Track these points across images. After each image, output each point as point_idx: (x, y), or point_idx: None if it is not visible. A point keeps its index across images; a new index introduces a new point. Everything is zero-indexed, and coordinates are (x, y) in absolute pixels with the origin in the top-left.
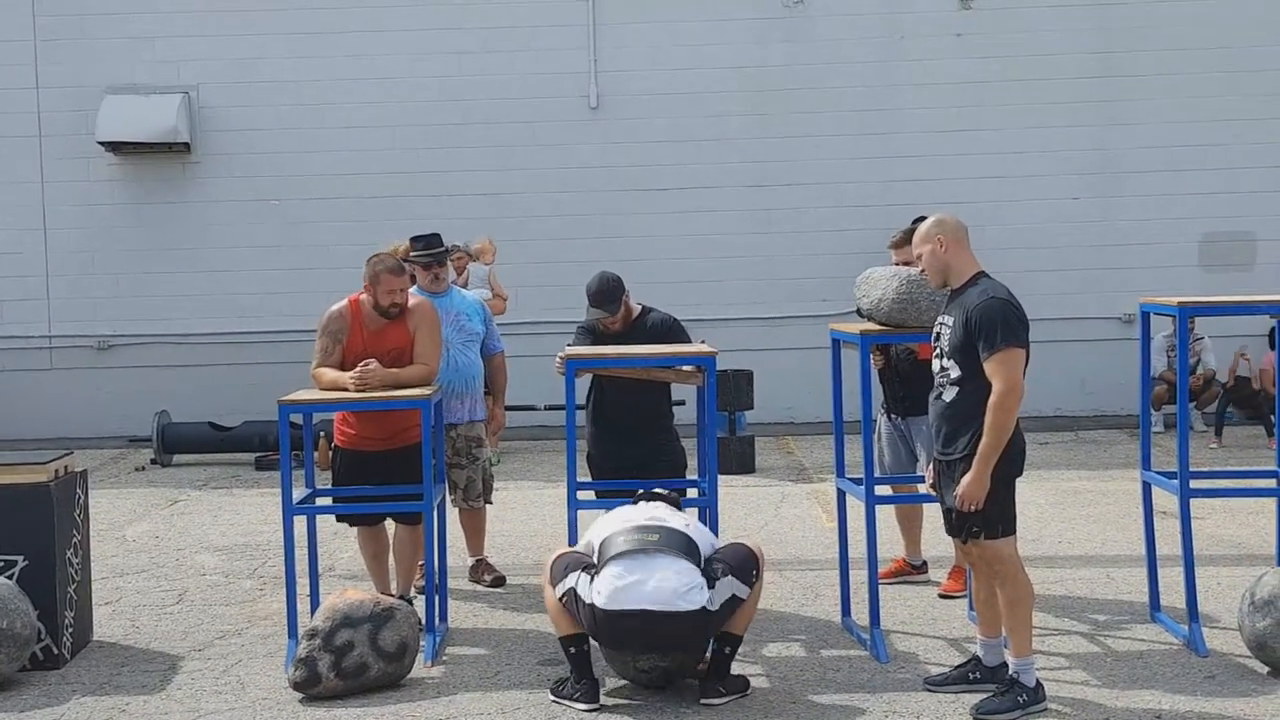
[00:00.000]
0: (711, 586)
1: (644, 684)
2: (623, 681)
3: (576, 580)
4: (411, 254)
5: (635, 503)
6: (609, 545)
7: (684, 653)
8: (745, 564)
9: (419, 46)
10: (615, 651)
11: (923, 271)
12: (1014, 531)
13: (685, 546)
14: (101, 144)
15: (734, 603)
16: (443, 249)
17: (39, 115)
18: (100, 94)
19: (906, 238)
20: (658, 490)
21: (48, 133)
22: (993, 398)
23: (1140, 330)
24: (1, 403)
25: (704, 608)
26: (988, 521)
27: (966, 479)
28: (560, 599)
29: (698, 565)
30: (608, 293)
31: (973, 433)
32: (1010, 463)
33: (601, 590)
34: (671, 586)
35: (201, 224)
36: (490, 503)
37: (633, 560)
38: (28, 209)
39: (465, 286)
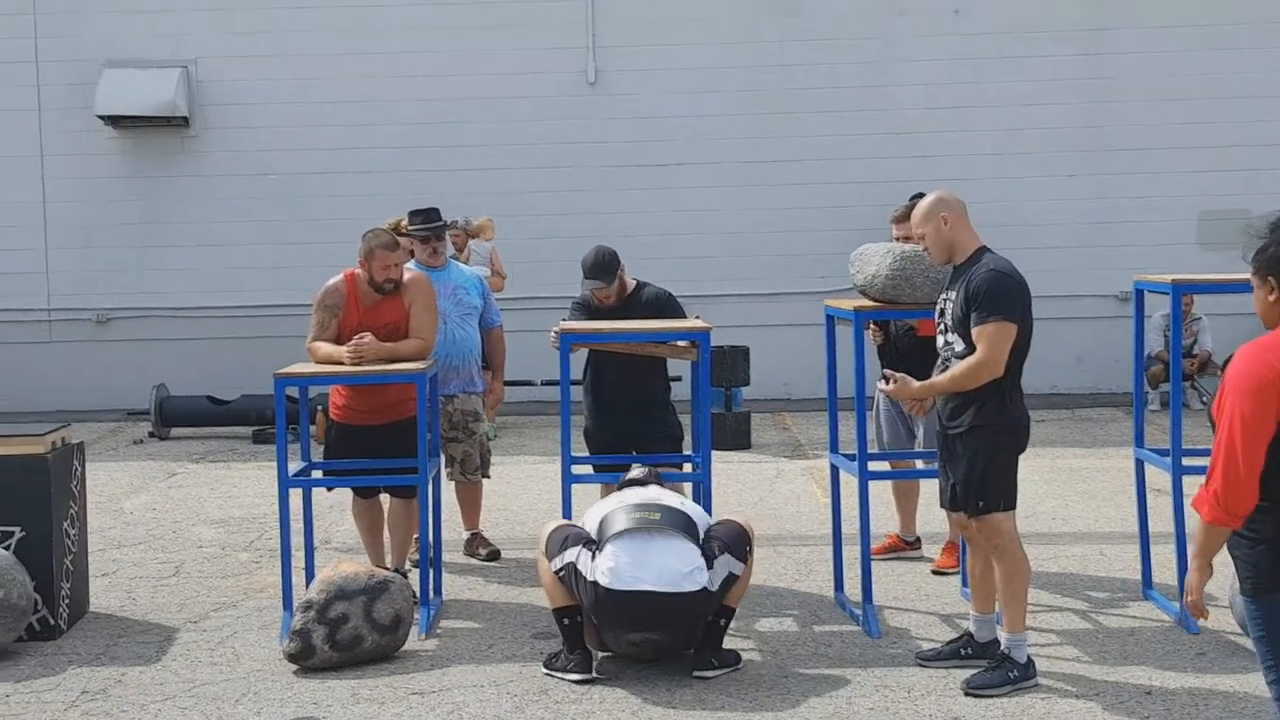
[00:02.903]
0: (710, 566)
1: (635, 658)
2: (614, 655)
3: (577, 556)
4: (410, 228)
5: (621, 488)
6: (609, 523)
7: (681, 633)
8: (739, 541)
9: (417, 20)
10: (612, 630)
11: (926, 250)
12: (1014, 506)
13: (685, 525)
14: (100, 118)
15: (730, 580)
16: (441, 223)
17: (38, 89)
18: (99, 67)
19: (908, 212)
20: (634, 477)
21: (46, 106)
22: (972, 358)
23: (1135, 308)
24: (0, 376)
25: (705, 588)
26: (990, 495)
27: (911, 382)
28: (558, 572)
29: (697, 544)
30: (603, 265)
31: (976, 406)
32: (1013, 438)
33: (603, 569)
34: (675, 568)
35: (200, 198)
36: (488, 476)
37: (634, 540)
38: (26, 182)
39: (466, 263)
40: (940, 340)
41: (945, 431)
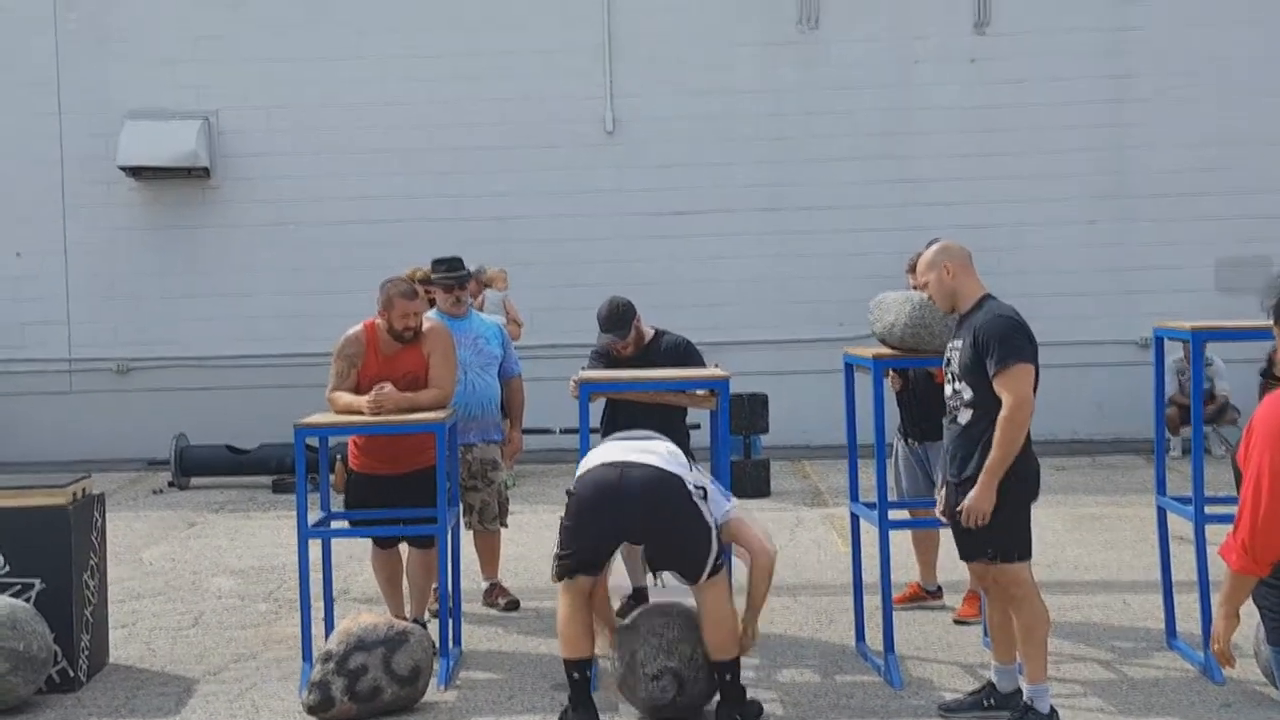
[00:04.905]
0: (705, 492)
1: (656, 701)
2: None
3: None
4: (433, 276)
5: None
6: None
7: (654, 522)
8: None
9: (435, 71)
10: (588, 524)
11: (930, 298)
12: (1030, 556)
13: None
14: (122, 169)
15: (705, 531)
16: (465, 272)
17: (60, 140)
18: (121, 119)
19: None
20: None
21: (69, 157)
22: (1003, 412)
23: (1154, 354)
24: (22, 425)
25: (680, 477)
26: (1004, 545)
27: (973, 492)
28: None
29: (687, 466)
30: (617, 318)
31: (983, 455)
32: (1025, 486)
33: (584, 463)
34: (655, 453)
35: (220, 248)
36: (505, 525)
37: (620, 438)
38: (49, 233)
39: (481, 311)
40: (949, 389)
41: (954, 481)
